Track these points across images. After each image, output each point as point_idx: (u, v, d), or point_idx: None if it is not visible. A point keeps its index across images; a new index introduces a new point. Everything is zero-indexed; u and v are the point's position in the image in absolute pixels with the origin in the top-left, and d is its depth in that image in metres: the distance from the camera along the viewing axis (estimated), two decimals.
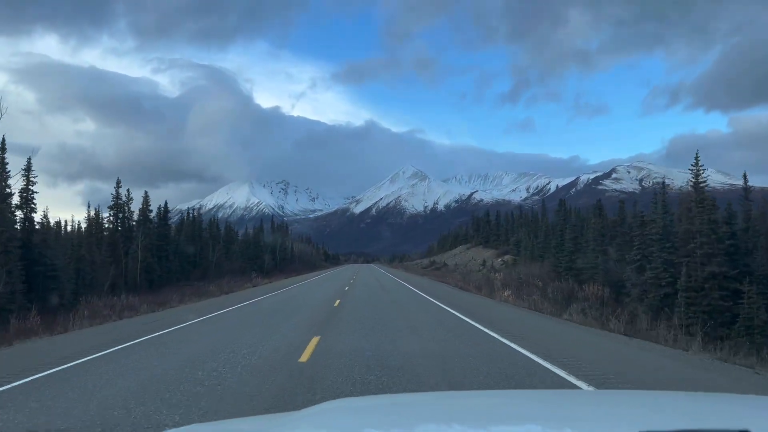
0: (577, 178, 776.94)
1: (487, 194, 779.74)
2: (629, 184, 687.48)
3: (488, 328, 14.32)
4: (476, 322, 16.02)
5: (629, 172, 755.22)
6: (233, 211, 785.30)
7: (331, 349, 11.11)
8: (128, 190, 52.31)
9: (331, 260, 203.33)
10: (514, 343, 11.79)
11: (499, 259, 71.88)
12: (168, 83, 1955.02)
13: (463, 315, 18.17)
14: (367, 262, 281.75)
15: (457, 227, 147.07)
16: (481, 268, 73.09)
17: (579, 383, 7.94)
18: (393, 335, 13.14)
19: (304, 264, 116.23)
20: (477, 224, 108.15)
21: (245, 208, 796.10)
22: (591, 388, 7.57)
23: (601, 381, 8.07)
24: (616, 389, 7.36)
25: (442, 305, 22.95)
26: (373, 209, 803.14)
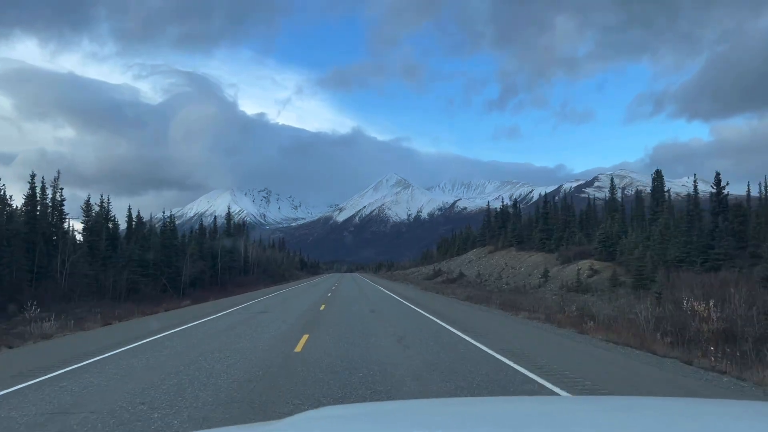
0: (560, 186, 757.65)
1: (470, 202, 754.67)
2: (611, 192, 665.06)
3: None
4: None
5: (612, 181, 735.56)
6: (214, 220, 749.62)
7: None
8: None
9: (309, 269, 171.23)
10: None
11: (581, 267, 41.09)
12: (150, 90, 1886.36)
13: None
14: (351, 271, 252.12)
15: (465, 228, 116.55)
16: (541, 280, 42.80)
17: None
18: None
19: (267, 275, 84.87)
20: (501, 220, 77.36)
21: (226, 217, 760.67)
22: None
23: None
24: (596, 395, 6.81)
25: None
26: (357, 217, 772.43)
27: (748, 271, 27.16)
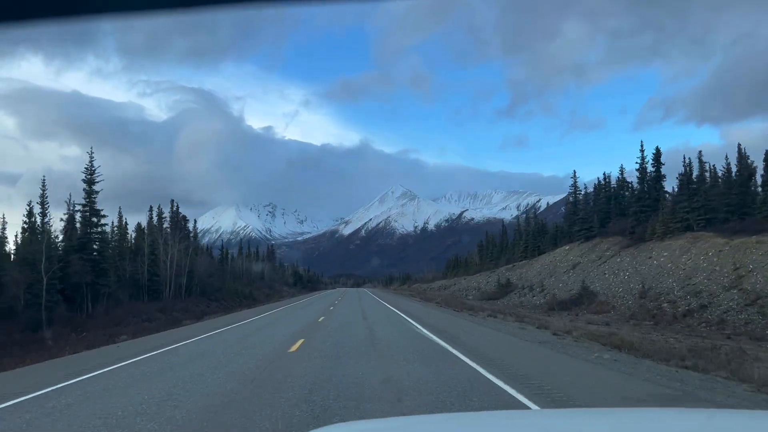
0: (568, 195, 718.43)
1: (477, 213, 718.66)
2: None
3: None
4: None
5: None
6: (219, 236, 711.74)
7: None
8: None
9: (307, 283, 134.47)
10: None
11: None
12: (155, 107, 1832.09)
13: None
14: (358, 285, 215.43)
15: (532, 219, 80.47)
16: None
17: None
18: None
19: (210, 298, 48.41)
20: (645, 188, 40.63)
21: (232, 233, 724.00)
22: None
23: None
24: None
25: None
26: (363, 230, 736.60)
27: None
